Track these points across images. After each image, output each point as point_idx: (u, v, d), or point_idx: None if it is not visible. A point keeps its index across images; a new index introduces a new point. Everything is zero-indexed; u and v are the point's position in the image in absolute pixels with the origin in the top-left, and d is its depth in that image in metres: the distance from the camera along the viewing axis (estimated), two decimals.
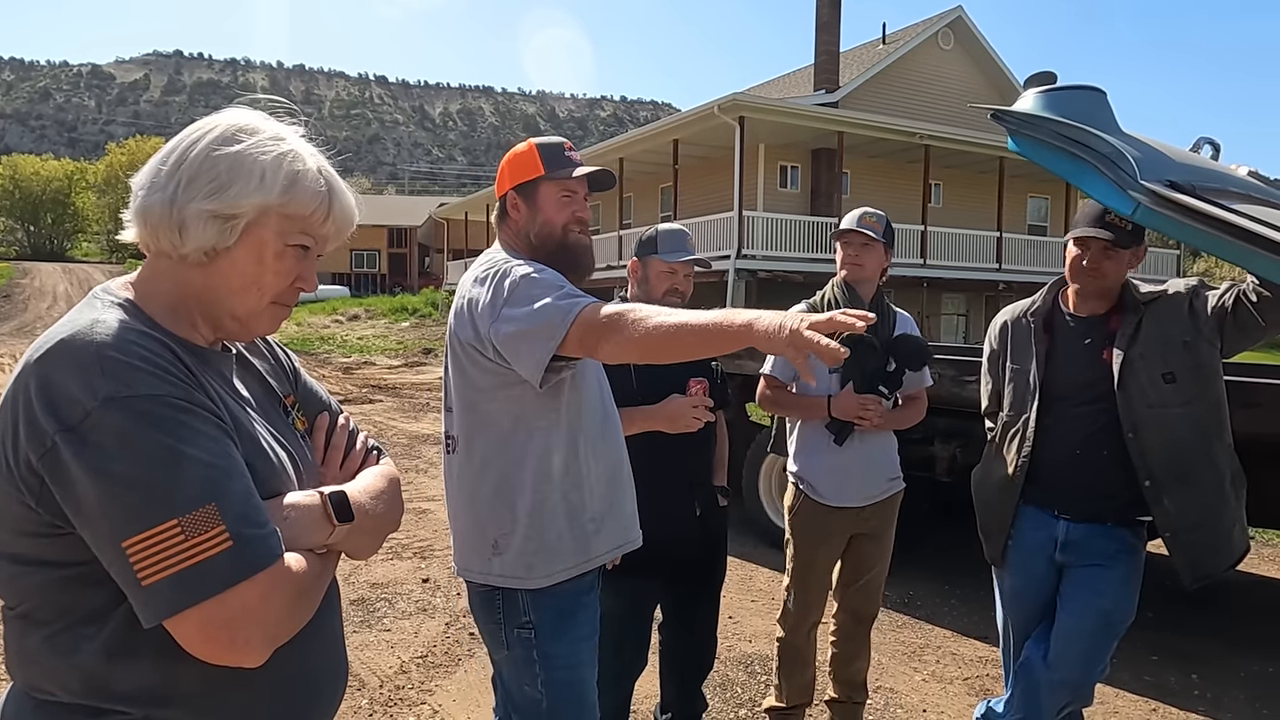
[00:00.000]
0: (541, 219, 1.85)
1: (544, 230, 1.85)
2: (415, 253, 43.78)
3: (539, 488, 1.76)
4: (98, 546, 0.90)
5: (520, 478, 1.75)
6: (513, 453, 1.75)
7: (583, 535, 1.80)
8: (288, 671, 1.04)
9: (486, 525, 1.78)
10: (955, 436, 4.31)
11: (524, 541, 1.75)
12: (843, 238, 2.75)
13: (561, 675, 1.78)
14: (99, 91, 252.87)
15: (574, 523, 1.79)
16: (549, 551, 1.76)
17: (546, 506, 1.76)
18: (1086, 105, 1.93)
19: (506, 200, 1.90)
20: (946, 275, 19.49)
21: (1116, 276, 2.29)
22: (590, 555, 1.82)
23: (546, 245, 1.85)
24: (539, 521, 1.76)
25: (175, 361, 0.97)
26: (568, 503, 1.78)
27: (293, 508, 1.04)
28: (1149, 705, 3.34)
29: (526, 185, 1.86)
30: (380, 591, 4.48)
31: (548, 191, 1.85)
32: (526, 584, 1.76)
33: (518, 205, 1.88)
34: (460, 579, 1.89)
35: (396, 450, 8.34)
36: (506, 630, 1.79)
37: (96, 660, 0.94)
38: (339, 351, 20.29)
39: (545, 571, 1.76)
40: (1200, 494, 2.22)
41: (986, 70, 23.97)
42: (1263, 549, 5.31)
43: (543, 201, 1.85)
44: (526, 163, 1.87)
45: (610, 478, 1.87)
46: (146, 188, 1.02)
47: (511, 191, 1.88)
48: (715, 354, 1.46)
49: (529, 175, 1.86)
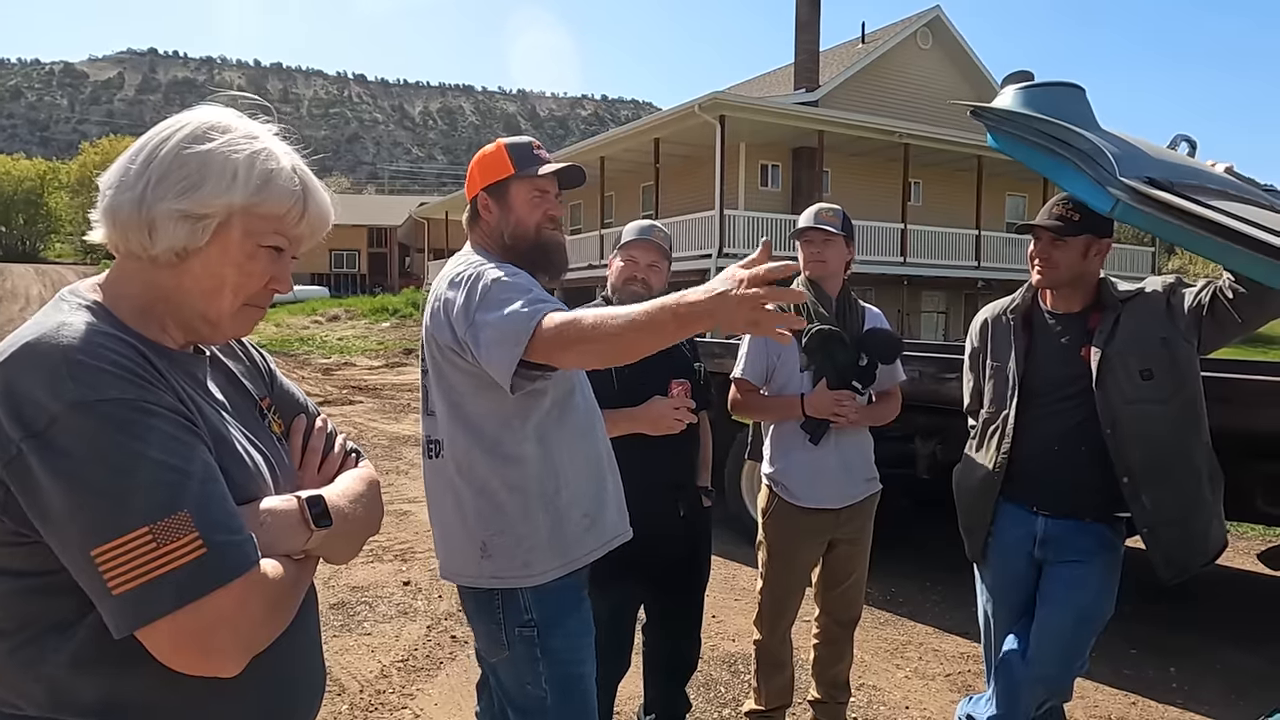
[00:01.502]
0: (514, 219, 1.84)
1: (517, 230, 1.84)
2: (395, 252, 43.50)
3: (526, 488, 1.75)
4: (66, 555, 0.87)
5: (507, 478, 1.74)
6: (497, 453, 1.74)
7: (575, 532, 1.80)
8: (264, 680, 1.02)
9: (474, 528, 1.77)
10: (936, 434, 4.33)
11: (516, 541, 1.74)
12: (802, 236, 2.73)
13: (564, 670, 1.78)
14: (72, 90, 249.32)
15: (564, 520, 1.78)
16: (543, 549, 1.75)
17: (535, 506, 1.75)
18: (1065, 102, 1.94)
19: (478, 201, 1.89)
20: (926, 273, 19.63)
21: (1070, 267, 2.31)
22: (586, 550, 1.82)
23: (520, 245, 1.84)
24: (529, 521, 1.75)
25: (145, 365, 0.94)
26: (557, 501, 1.77)
27: (269, 513, 1.02)
28: (1128, 699, 3.37)
29: (497, 185, 1.86)
30: (361, 595, 4.44)
31: (519, 191, 1.85)
32: (525, 582, 1.75)
33: (489, 206, 1.87)
34: (443, 582, 1.88)
35: (377, 451, 8.28)
36: (507, 630, 1.77)
37: (63, 672, 0.91)
38: (319, 352, 20.12)
39: (541, 568, 1.76)
40: (1177, 490, 2.24)
41: (964, 69, 24.19)
42: (1238, 542, 5.38)
43: (514, 201, 1.85)
44: (496, 163, 1.86)
45: (597, 474, 1.87)
46: (115, 187, 0.99)
47: (482, 193, 1.87)
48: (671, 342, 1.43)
49: (499, 175, 1.85)
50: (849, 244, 2.75)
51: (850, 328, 2.70)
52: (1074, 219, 2.27)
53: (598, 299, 2.67)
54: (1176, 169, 1.90)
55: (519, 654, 1.77)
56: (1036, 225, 2.33)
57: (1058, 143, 1.89)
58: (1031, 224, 2.34)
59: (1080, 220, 2.26)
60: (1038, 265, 2.36)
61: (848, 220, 2.75)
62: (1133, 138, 1.95)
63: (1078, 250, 2.30)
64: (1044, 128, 1.90)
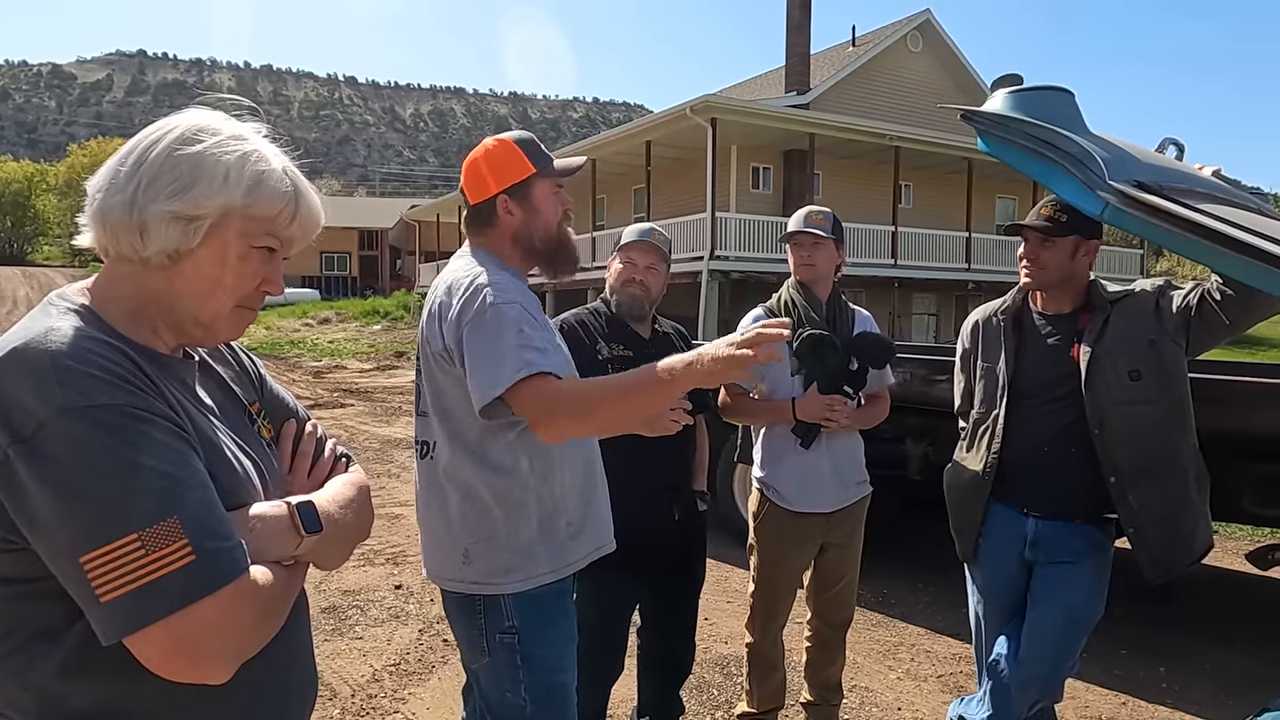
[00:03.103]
0: (543, 220, 1.80)
1: (545, 230, 1.81)
2: (387, 255, 43.40)
3: (511, 494, 1.73)
4: (54, 562, 0.87)
5: (492, 484, 1.73)
6: (483, 459, 1.73)
7: (559, 540, 1.78)
8: (254, 687, 1.01)
9: (459, 532, 1.76)
10: (927, 435, 4.34)
11: (498, 547, 1.73)
12: (792, 240, 2.73)
13: (545, 679, 1.77)
14: (60, 92, 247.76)
15: (549, 528, 1.77)
16: (525, 556, 1.74)
17: (520, 513, 1.74)
18: (1055, 106, 1.94)
19: (496, 204, 1.79)
20: (917, 275, 19.69)
21: (1058, 268, 2.33)
22: (568, 560, 1.80)
23: (548, 245, 1.81)
24: (512, 527, 1.74)
25: (134, 370, 0.93)
26: (541, 508, 1.76)
27: (259, 519, 1.02)
28: (1119, 699, 3.39)
29: (520, 186, 1.79)
30: (352, 599, 4.42)
31: (542, 190, 1.80)
32: (504, 589, 1.73)
33: (512, 209, 1.79)
34: (434, 585, 1.87)
35: (368, 454, 8.25)
36: (488, 636, 1.76)
37: (52, 679, 0.91)
38: (310, 355, 20.05)
39: (523, 575, 1.74)
40: (1164, 490, 2.25)
41: (954, 73, 24.31)
42: (1226, 543, 5.42)
43: (539, 201, 1.80)
44: (513, 163, 1.79)
45: (584, 483, 1.85)
46: (105, 190, 0.99)
47: (503, 195, 1.79)
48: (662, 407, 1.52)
49: (520, 175, 1.78)
50: (839, 247, 2.75)
51: (841, 331, 2.70)
52: (1061, 220, 2.29)
53: (595, 301, 2.67)
54: (1165, 172, 1.91)
55: (500, 660, 1.76)
56: (1024, 226, 2.35)
57: (1047, 146, 1.90)
58: (1020, 224, 2.36)
59: (1068, 221, 2.28)
60: (1026, 266, 2.38)
61: (838, 223, 2.75)
62: (1122, 141, 1.96)
63: (1066, 251, 2.31)
64: (1034, 131, 1.91)
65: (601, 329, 2.52)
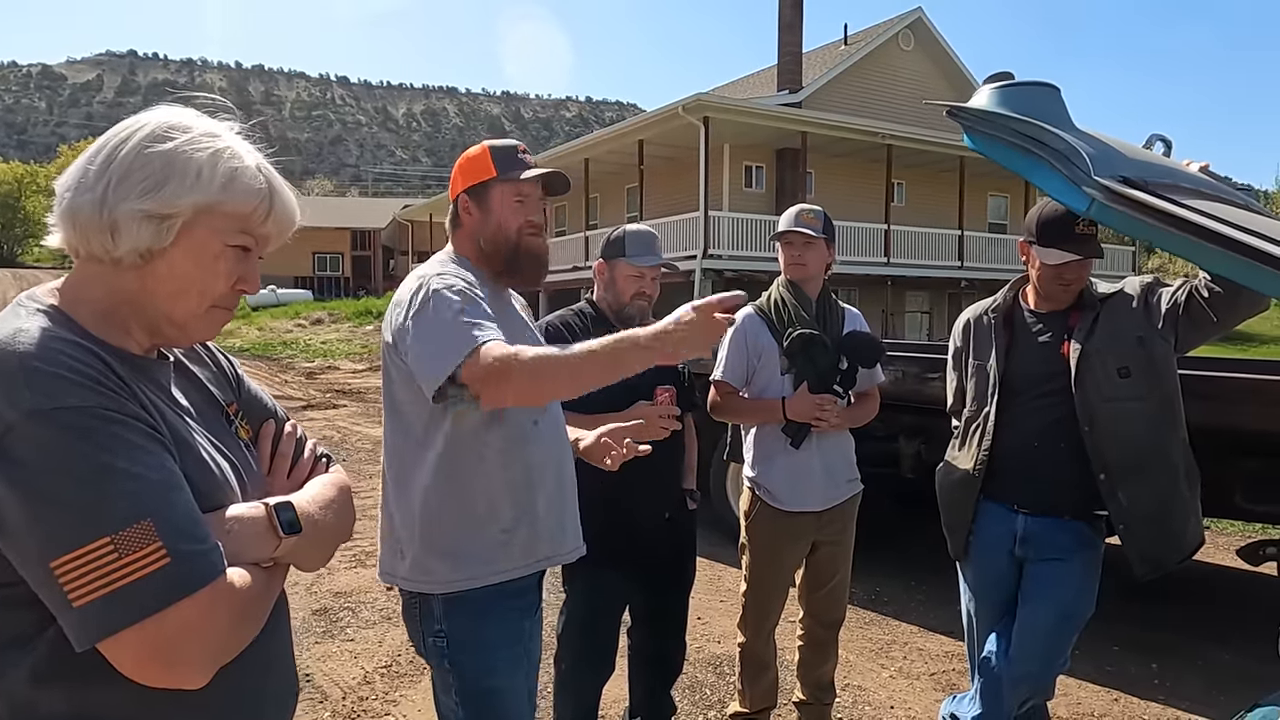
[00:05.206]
0: (494, 222, 1.82)
1: (496, 234, 1.82)
2: (379, 255, 43.22)
3: (439, 493, 1.71)
4: (24, 567, 0.85)
5: (423, 481, 1.72)
6: (415, 457, 1.73)
7: (488, 545, 1.73)
8: (230, 692, 1.00)
9: (398, 528, 1.77)
10: (920, 434, 4.34)
11: (420, 546, 1.73)
12: (783, 238, 2.72)
13: (474, 687, 1.73)
14: (50, 92, 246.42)
15: (475, 531, 1.72)
16: (448, 558, 1.71)
17: (442, 513, 1.72)
18: (1041, 101, 1.93)
19: (459, 203, 1.86)
20: (910, 273, 19.74)
21: (1080, 283, 2.35)
22: (501, 567, 1.74)
23: (500, 250, 1.82)
24: (431, 528, 1.72)
25: (106, 371, 0.92)
26: (464, 510, 1.72)
27: (236, 520, 1.00)
28: (1110, 695, 3.39)
29: (478, 188, 1.83)
30: (344, 600, 4.40)
31: (500, 194, 1.82)
32: (434, 588, 1.72)
33: (470, 209, 1.84)
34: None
35: (360, 455, 8.22)
36: (425, 637, 1.76)
37: (23, 686, 0.89)
38: (302, 356, 19.96)
39: (445, 578, 1.71)
40: (1154, 487, 2.25)
41: (946, 71, 24.35)
42: (1218, 539, 5.43)
43: (495, 204, 1.82)
44: (479, 165, 1.83)
45: (523, 490, 1.76)
46: (73, 189, 0.97)
47: (463, 194, 1.85)
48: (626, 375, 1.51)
49: (481, 177, 1.82)
50: (830, 246, 2.75)
51: (831, 330, 2.70)
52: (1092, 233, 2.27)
53: (582, 301, 2.65)
54: (1151, 168, 1.90)
55: (434, 663, 1.77)
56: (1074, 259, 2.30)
57: (1033, 142, 1.89)
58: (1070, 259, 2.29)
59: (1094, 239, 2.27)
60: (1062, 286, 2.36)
61: (829, 222, 2.74)
62: (1108, 137, 1.95)
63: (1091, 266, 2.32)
64: (1019, 127, 1.90)
65: (586, 330, 2.51)
